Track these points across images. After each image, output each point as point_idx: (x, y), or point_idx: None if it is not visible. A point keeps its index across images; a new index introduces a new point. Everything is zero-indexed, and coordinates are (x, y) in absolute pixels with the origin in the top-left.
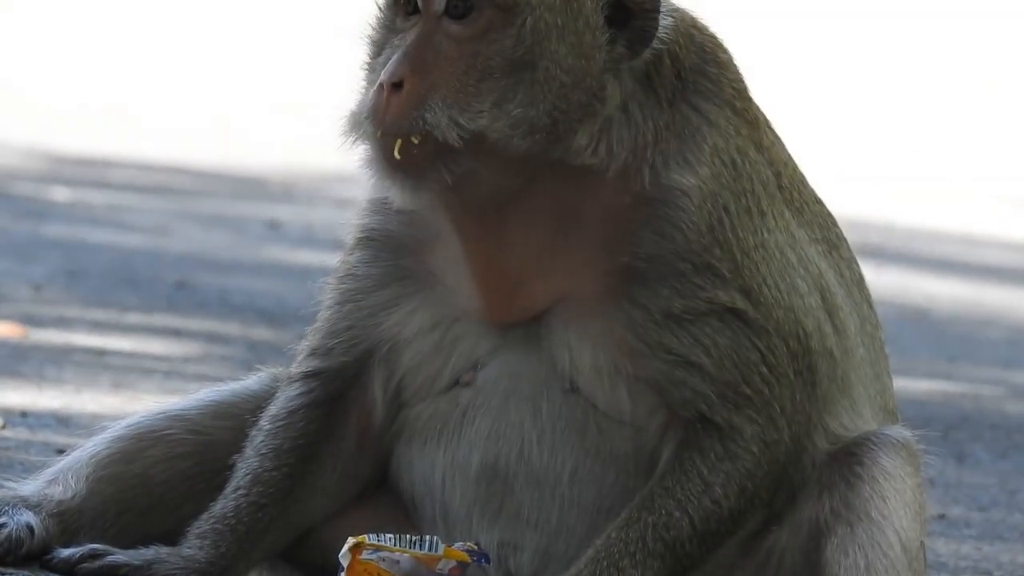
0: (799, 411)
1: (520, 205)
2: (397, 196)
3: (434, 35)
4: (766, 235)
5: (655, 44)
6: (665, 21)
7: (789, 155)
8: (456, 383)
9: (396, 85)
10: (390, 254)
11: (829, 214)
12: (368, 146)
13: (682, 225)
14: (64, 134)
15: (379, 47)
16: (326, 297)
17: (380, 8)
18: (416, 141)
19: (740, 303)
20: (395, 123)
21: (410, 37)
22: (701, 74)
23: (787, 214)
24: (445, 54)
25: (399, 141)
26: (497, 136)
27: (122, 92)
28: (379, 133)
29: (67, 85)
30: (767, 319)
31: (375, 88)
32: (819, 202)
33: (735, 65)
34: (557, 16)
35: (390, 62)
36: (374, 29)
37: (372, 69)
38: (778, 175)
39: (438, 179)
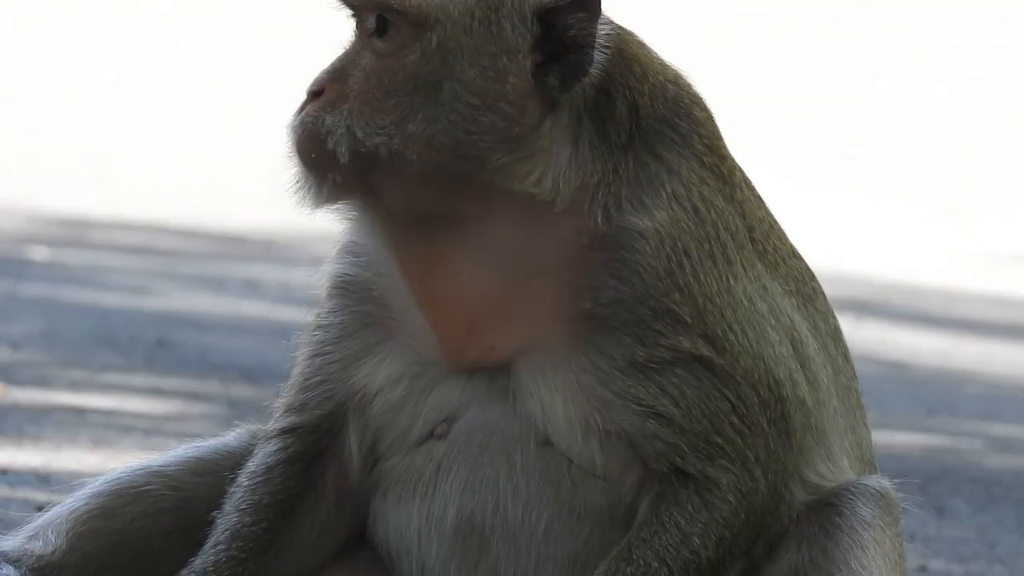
0: (774, 460)
1: (469, 243)
2: (304, 197)
3: (362, 51)
4: (732, 282)
5: (596, 81)
6: (600, 56)
7: (767, 212)
8: (430, 435)
9: (316, 93)
10: (356, 302)
11: (807, 268)
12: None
13: (639, 269)
14: (43, 193)
15: None
16: (300, 350)
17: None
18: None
19: (704, 350)
20: (301, 122)
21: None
22: (668, 125)
23: (759, 265)
24: (365, 68)
25: (309, 141)
26: (387, 153)
27: (101, 151)
28: (291, 130)
29: (46, 144)
30: (734, 367)
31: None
32: (797, 256)
33: (712, 122)
34: (469, 37)
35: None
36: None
37: None
38: (751, 228)
39: (333, 185)
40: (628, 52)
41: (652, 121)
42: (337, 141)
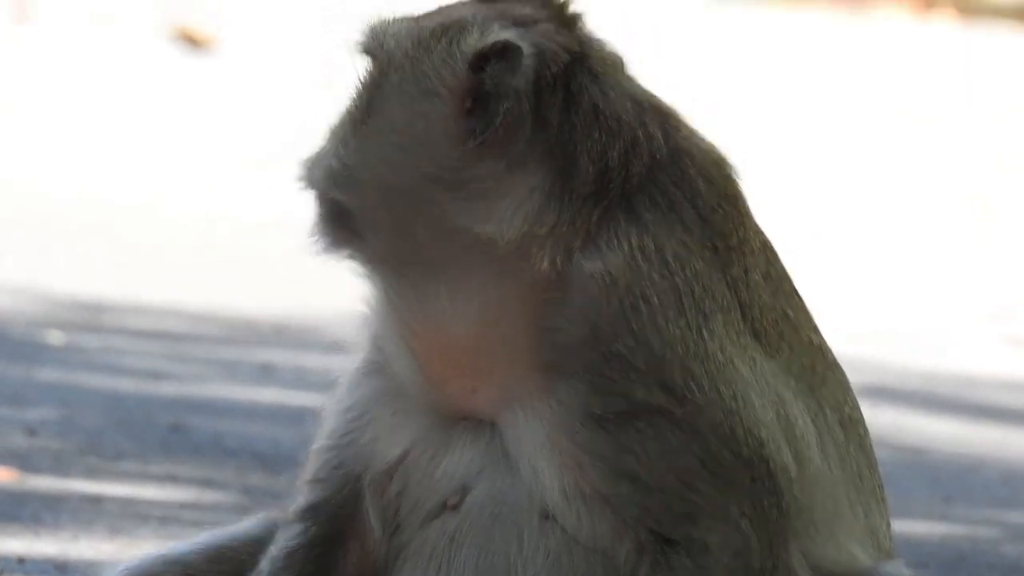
0: (765, 518)
1: (443, 284)
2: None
3: None
4: (706, 335)
5: (556, 131)
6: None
7: (787, 303)
8: (444, 507)
9: None
10: (368, 378)
11: (826, 361)
12: None
13: (586, 310)
14: (58, 276)
15: None
16: (318, 431)
17: None
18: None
19: (662, 399)
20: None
21: None
22: (659, 189)
23: (749, 339)
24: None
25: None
26: (337, 185)
27: (116, 234)
28: None
29: (61, 227)
30: (696, 419)
31: None
32: (816, 349)
33: (728, 203)
34: (397, 74)
35: None
36: None
37: None
38: (746, 305)
39: (320, 227)
40: (601, 107)
41: (638, 181)
42: (307, 179)
